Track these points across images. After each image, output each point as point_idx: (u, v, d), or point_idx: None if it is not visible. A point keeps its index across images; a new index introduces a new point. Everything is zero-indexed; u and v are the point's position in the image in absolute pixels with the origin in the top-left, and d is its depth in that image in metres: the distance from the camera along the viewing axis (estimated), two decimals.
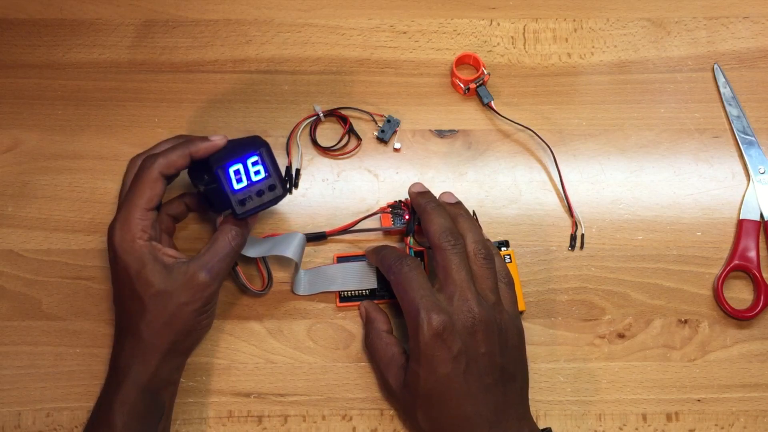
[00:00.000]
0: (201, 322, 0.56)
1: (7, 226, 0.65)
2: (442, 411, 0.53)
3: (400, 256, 0.57)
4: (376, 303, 0.61)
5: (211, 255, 0.56)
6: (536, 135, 0.67)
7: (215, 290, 0.56)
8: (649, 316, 0.63)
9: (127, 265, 0.54)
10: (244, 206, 0.56)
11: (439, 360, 0.52)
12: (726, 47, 0.70)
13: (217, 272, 0.55)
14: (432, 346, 0.52)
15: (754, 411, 0.61)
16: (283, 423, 0.60)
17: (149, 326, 0.54)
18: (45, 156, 0.67)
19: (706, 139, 0.68)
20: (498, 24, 0.71)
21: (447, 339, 0.52)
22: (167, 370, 0.56)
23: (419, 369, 0.53)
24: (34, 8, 0.71)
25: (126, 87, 0.69)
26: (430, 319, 0.52)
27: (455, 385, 0.52)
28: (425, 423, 0.54)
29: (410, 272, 0.55)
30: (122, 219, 0.55)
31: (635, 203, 0.66)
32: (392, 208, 0.63)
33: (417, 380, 0.53)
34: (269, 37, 0.70)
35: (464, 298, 0.53)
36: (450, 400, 0.53)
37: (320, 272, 0.63)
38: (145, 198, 0.55)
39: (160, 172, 0.55)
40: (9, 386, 0.61)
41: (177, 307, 0.54)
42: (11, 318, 0.63)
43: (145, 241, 0.55)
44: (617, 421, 0.61)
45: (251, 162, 0.56)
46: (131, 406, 0.54)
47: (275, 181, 0.57)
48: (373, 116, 0.68)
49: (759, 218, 0.65)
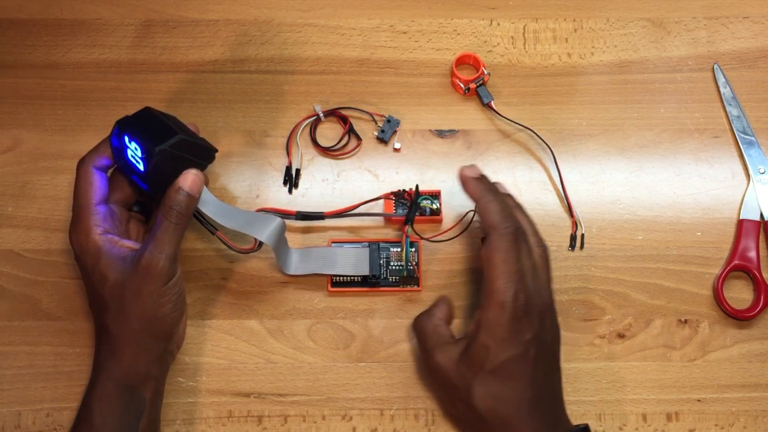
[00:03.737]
0: (163, 308, 0.55)
1: (7, 226, 0.65)
2: (504, 390, 0.53)
3: (510, 216, 0.55)
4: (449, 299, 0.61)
5: (151, 236, 0.54)
6: (536, 135, 0.67)
7: (167, 272, 0.54)
8: (649, 316, 0.63)
9: (85, 263, 0.55)
10: (158, 184, 0.56)
11: (515, 340, 0.53)
12: (726, 47, 0.70)
13: (167, 254, 0.54)
14: (512, 324, 0.52)
15: (754, 411, 0.61)
16: (283, 423, 0.60)
17: (114, 319, 0.55)
18: (45, 156, 0.67)
19: (706, 139, 0.68)
20: (498, 24, 0.71)
21: (527, 322, 0.53)
22: (142, 363, 0.55)
23: (491, 342, 0.53)
24: (34, 8, 0.71)
25: (126, 87, 0.69)
26: (518, 297, 0.52)
27: (523, 368, 0.53)
28: (483, 400, 0.53)
29: (515, 242, 0.54)
30: (74, 220, 0.56)
31: (635, 203, 0.66)
32: (396, 196, 0.63)
33: (486, 354, 0.53)
34: (269, 37, 0.71)
35: (537, 285, 0.54)
36: (515, 381, 0.53)
37: (313, 252, 0.62)
38: (88, 194, 0.56)
39: (92, 166, 0.57)
40: (9, 386, 0.61)
41: (132, 295, 0.54)
42: (11, 318, 0.63)
43: (99, 235, 0.55)
44: (617, 421, 0.61)
45: (128, 141, 0.55)
46: (107, 401, 0.54)
47: (152, 148, 0.54)
48: (373, 116, 0.68)
49: (759, 218, 0.65)
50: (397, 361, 0.62)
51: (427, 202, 0.63)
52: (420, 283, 0.63)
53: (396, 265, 0.63)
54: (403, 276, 0.62)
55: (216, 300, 0.63)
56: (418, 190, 0.63)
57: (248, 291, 0.63)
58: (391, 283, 0.63)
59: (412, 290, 0.63)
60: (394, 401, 0.61)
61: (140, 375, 0.55)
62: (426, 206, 0.63)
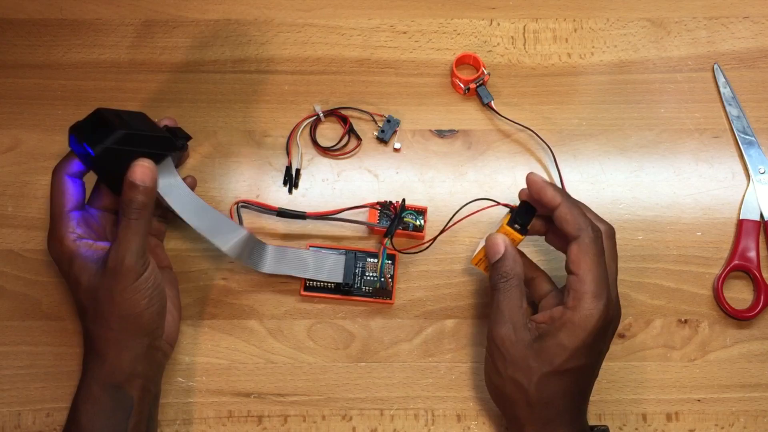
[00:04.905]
0: (138, 303, 0.54)
1: (7, 226, 0.65)
2: (566, 390, 0.54)
3: (594, 219, 0.55)
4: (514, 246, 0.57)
5: (118, 237, 0.54)
6: (536, 135, 0.67)
7: (134, 268, 0.54)
8: (649, 316, 0.63)
9: (62, 270, 0.56)
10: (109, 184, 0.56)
11: (594, 350, 0.54)
12: (726, 47, 0.70)
13: (132, 251, 0.53)
14: (596, 335, 0.53)
15: (754, 411, 0.61)
16: (283, 423, 0.60)
17: (93, 322, 0.55)
18: (45, 156, 0.67)
19: (706, 139, 0.68)
20: (498, 24, 0.71)
21: (605, 335, 0.54)
22: (126, 361, 0.55)
23: (570, 345, 0.53)
24: (34, 8, 0.71)
25: (126, 87, 0.69)
26: (609, 309, 0.53)
27: (590, 377, 0.56)
28: (541, 392, 0.54)
29: (602, 245, 0.54)
30: (50, 228, 0.56)
31: (635, 203, 0.66)
32: (382, 207, 0.63)
33: (561, 353, 0.53)
34: (269, 37, 0.70)
35: (615, 296, 0.55)
36: (578, 386, 0.55)
37: (289, 253, 0.62)
38: (60, 202, 0.56)
39: (65, 173, 0.56)
40: (9, 386, 0.61)
41: (106, 296, 0.54)
42: (11, 318, 0.63)
43: (73, 241, 0.55)
44: (617, 421, 0.61)
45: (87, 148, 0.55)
46: (94, 401, 0.54)
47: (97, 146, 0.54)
48: (373, 116, 0.68)
49: (759, 218, 0.65)
50: (397, 361, 0.62)
51: (411, 217, 0.62)
52: (393, 296, 0.62)
53: (371, 275, 0.62)
54: (375, 287, 0.62)
55: (216, 300, 0.63)
56: (404, 204, 0.62)
57: (248, 291, 0.63)
58: (364, 293, 0.62)
59: (384, 302, 0.62)
60: (394, 401, 0.61)
61: (125, 374, 0.55)
62: (409, 222, 0.62)
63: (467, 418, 0.61)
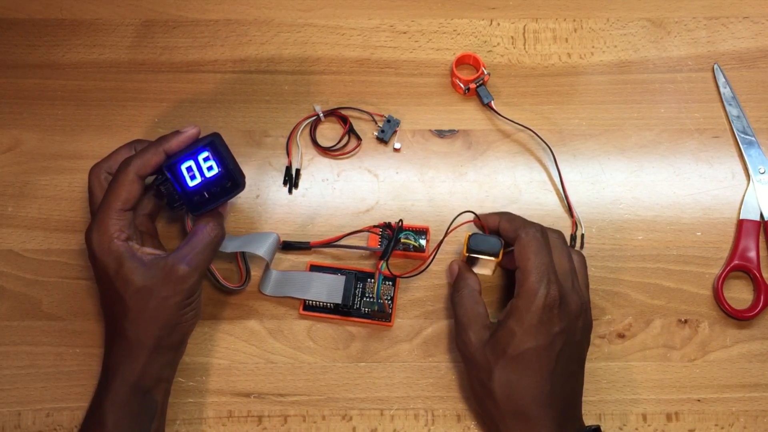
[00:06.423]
0: (185, 315, 0.56)
1: (7, 226, 0.65)
2: (522, 379, 0.54)
3: (531, 222, 0.58)
4: (467, 264, 0.61)
5: (190, 247, 0.55)
6: (536, 135, 0.67)
7: (195, 282, 0.55)
8: (649, 316, 0.63)
9: (106, 266, 0.55)
10: (200, 202, 0.56)
11: (542, 330, 0.54)
12: (726, 47, 0.70)
13: (197, 264, 0.55)
14: (541, 314, 0.53)
15: (754, 411, 0.61)
16: (283, 423, 0.60)
17: (133, 324, 0.55)
18: (45, 156, 0.67)
19: (706, 139, 0.68)
20: (498, 24, 0.71)
21: (556, 314, 0.54)
22: (157, 367, 0.56)
23: (518, 329, 0.54)
24: (34, 8, 0.71)
25: (126, 87, 0.69)
26: (550, 289, 0.54)
27: (546, 360, 0.54)
28: (500, 385, 0.54)
29: (542, 240, 0.56)
30: (98, 221, 0.55)
31: (635, 203, 0.66)
32: (381, 229, 0.62)
33: (511, 339, 0.54)
34: (269, 37, 0.71)
35: (575, 284, 0.56)
36: (535, 372, 0.54)
37: (290, 276, 0.62)
38: (121, 199, 0.55)
39: (136, 173, 0.56)
40: (9, 386, 0.61)
41: (158, 302, 0.54)
42: (11, 318, 0.63)
43: (122, 241, 0.55)
44: (617, 421, 0.61)
45: (202, 158, 0.56)
46: (122, 405, 0.54)
47: (231, 174, 0.56)
48: (373, 116, 0.68)
49: (759, 218, 0.65)
50: (397, 361, 0.62)
51: (411, 238, 0.62)
52: (392, 318, 0.62)
53: (370, 297, 0.62)
54: (374, 309, 0.62)
55: (216, 300, 0.63)
56: (400, 225, 0.61)
57: (248, 291, 0.63)
58: (363, 315, 0.62)
59: (383, 324, 0.62)
60: (394, 401, 0.61)
61: (154, 379, 0.56)
62: (409, 243, 0.62)
63: (467, 418, 0.61)
